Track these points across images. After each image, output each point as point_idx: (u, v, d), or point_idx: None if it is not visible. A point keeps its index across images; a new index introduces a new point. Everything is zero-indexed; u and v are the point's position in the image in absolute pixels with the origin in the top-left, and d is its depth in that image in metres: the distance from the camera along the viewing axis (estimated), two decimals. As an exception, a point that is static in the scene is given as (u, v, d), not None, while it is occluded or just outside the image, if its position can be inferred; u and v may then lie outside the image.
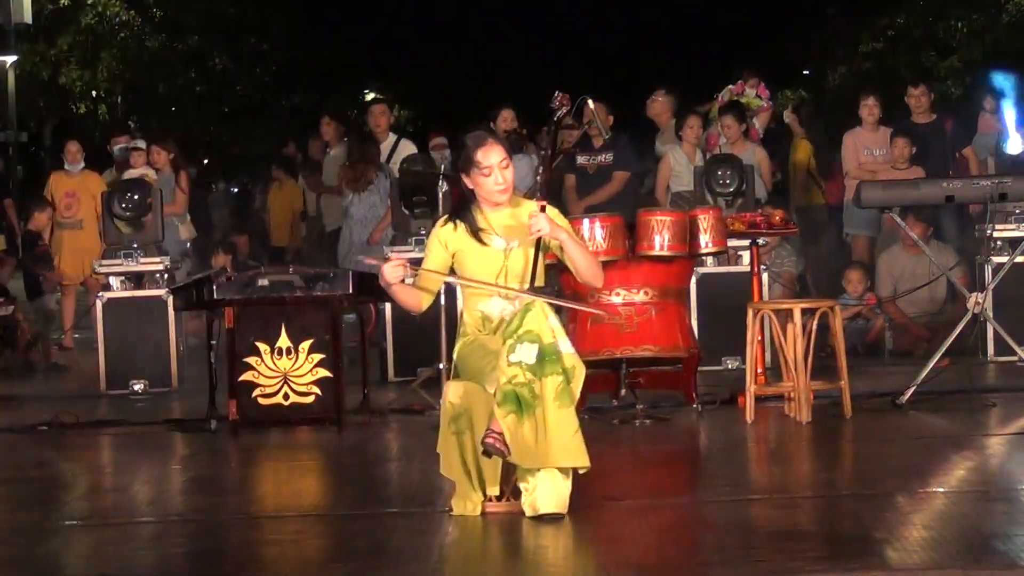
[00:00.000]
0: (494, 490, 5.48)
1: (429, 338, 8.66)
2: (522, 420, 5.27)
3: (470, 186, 5.69)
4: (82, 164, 12.63)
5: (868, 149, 11.47)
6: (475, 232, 5.65)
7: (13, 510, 6.19)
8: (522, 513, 5.37)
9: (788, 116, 12.59)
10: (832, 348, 8.03)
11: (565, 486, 5.35)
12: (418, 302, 5.72)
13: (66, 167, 12.70)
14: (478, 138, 5.67)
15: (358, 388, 8.17)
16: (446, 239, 5.72)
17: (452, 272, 5.79)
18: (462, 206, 5.75)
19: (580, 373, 5.40)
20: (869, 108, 11.51)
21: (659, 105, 12.14)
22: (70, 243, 12.49)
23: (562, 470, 5.33)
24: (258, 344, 7.87)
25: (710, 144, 11.44)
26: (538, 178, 10.55)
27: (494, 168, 5.63)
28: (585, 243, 6.02)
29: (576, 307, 6.28)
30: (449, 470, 5.54)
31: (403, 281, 5.60)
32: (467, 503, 5.49)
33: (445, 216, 5.82)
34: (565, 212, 7.31)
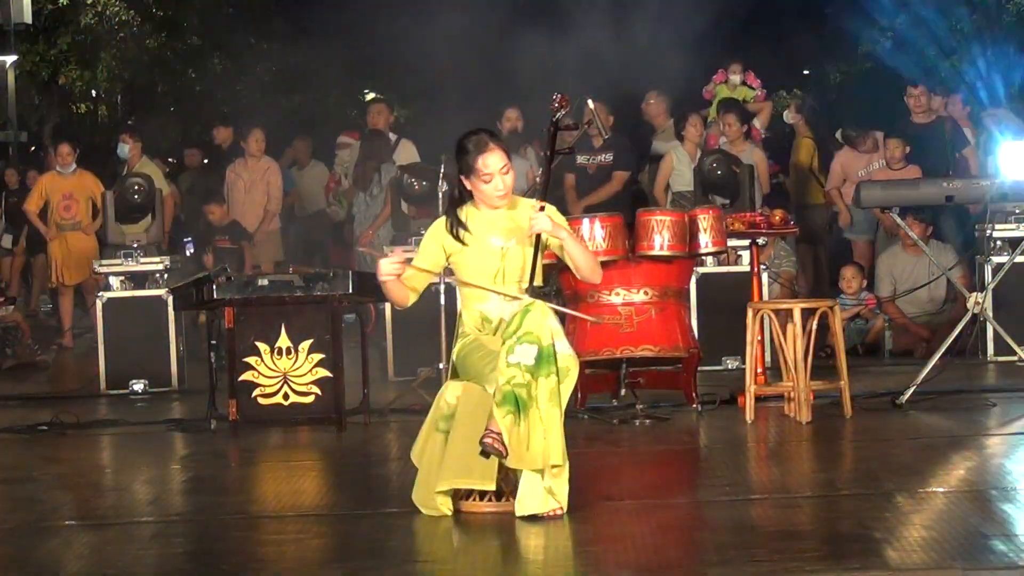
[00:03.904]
0: (490, 485, 5.48)
1: (429, 338, 8.67)
2: (519, 421, 5.28)
3: (468, 188, 5.69)
4: (74, 166, 12.63)
5: (858, 170, 11.49)
6: (457, 235, 5.66)
7: (13, 510, 6.19)
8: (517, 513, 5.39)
9: (792, 116, 12.56)
10: (832, 348, 8.03)
11: (552, 484, 5.35)
12: (404, 298, 5.70)
13: (58, 169, 12.69)
14: (479, 144, 5.64)
15: (358, 388, 8.17)
16: (443, 239, 5.72)
17: (448, 272, 5.80)
18: (452, 207, 5.75)
19: (573, 374, 5.41)
20: (874, 141, 11.51)
21: (654, 107, 12.16)
22: (70, 244, 12.49)
23: (543, 469, 5.34)
24: (258, 344, 7.87)
25: (709, 144, 11.44)
26: (537, 178, 10.57)
27: (495, 175, 5.62)
28: (584, 241, 6.02)
29: (572, 314, 6.28)
30: (420, 460, 5.59)
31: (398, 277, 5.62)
32: (427, 498, 5.52)
33: (443, 217, 5.83)
34: (564, 212, 7.31)
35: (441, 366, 8.27)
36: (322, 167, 13.47)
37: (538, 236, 5.59)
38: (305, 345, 7.87)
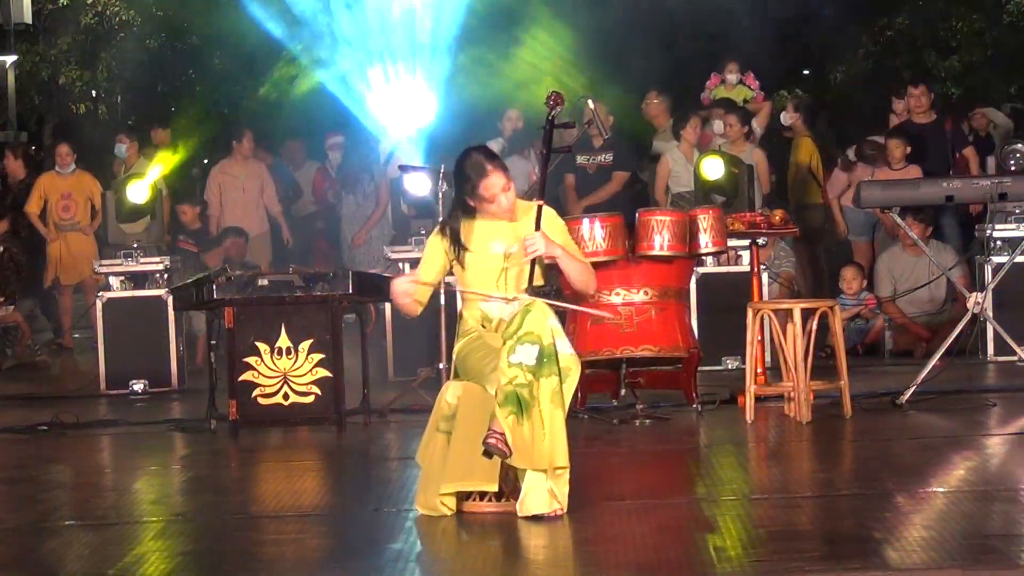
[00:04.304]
0: (493, 487, 5.48)
1: (429, 338, 8.67)
2: (521, 421, 5.29)
3: (472, 204, 5.71)
4: (73, 166, 12.62)
5: (863, 179, 11.48)
6: (457, 244, 5.69)
7: (13, 510, 6.19)
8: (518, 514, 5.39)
9: (790, 116, 12.54)
10: (832, 348, 8.03)
11: (554, 485, 5.35)
12: (414, 310, 5.83)
13: (57, 169, 12.68)
14: (477, 169, 5.65)
15: (358, 388, 8.17)
16: (446, 244, 5.75)
17: (451, 272, 5.82)
18: (452, 215, 5.78)
19: (575, 374, 5.42)
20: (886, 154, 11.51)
21: (654, 107, 12.16)
22: (67, 245, 12.48)
23: (547, 470, 5.34)
24: (258, 344, 7.87)
25: (703, 143, 11.44)
26: (533, 178, 10.58)
27: (497, 196, 5.65)
28: (580, 252, 6.02)
29: (576, 308, 6.27)
30: (424, 461, 5.61)
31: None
32: (430, 499, 5.52)
33: (442, 223, 5.87)
34: (563, 212, 7.30)
35: (441, 366, 8.27)
36: (316, 168, 13.43)
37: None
38: (305, 345, 7.87)
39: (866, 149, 11.51)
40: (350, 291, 7.88)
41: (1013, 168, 9.89)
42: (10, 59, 23.90)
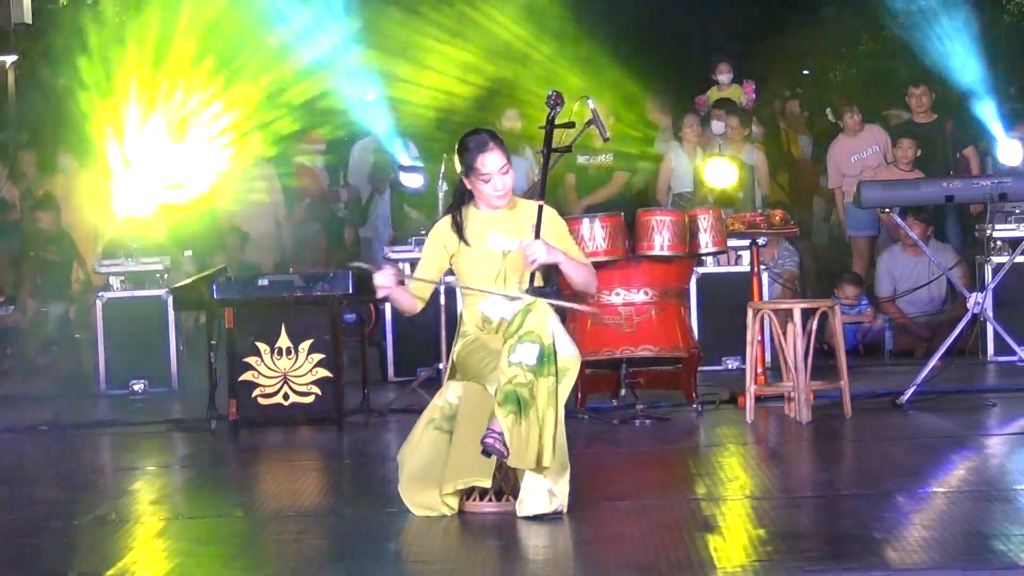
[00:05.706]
0: (486, 482, 5.48)
1: (429, 338, 8.67)
2: (520, 420, 5.28)
3: (469, 187, 5.71)
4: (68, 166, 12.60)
5: (850, 156, 11.47)
6: (461, 234, 5.67)
7: (13, 510, 6.19)
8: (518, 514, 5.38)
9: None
10: (830, 345, 8.03)
11: (554, 485, 5.35)
12: (413, 306, 5.76)
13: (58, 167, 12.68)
14: (479, 143, 5.66)
15: (358, 388, 8.17)
16: (445, 240, 5.73)
17: (450, 272, 5.81)
18: (457, 206, 5.77)
19: (571, 374, 5.41)
20: (853, 119, 11.49)
21: (655, 107, 12.17)
22: None
23: (544, 470, 5.34)
24: (258, 344, 7.87)
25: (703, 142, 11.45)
26: (535, 178, 10.57)
27: (493, 175, 5.64)
28: (581, 253, 6.00)
29: (574, 307, 6.27)
30: (406, 458, 5.59)
31: (399, 283, 5.63)
32: (428, 498, 5.52)
33: (445, 218, 5.84)
34: (563, 212, 7.30)
35: (441, 366, 8.27)
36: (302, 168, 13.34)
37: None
38: (305, 345, 7.87)
39: (835, 103, 11.66)
40: (350, 291, 7.88)
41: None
42: (10, 59, 23.90)
